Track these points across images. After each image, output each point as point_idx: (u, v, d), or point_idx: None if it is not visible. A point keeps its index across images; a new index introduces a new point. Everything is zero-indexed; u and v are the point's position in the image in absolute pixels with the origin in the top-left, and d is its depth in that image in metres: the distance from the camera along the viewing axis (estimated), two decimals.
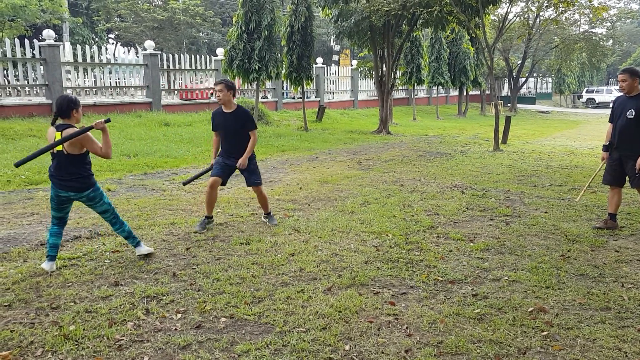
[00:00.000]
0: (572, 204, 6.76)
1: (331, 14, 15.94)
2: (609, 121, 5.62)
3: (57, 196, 4.10)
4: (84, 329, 3.17)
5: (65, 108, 4.05)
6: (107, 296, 3.66)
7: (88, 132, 4.07)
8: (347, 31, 15.89)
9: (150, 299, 3.63)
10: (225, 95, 5.22)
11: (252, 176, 5.46)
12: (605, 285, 3.99)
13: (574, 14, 27.23)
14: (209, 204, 5.41)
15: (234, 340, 3.10)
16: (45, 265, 4.10)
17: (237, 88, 5.39)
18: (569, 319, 3.40)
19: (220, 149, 5.51)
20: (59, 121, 4.11)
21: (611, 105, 5.79)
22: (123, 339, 3.08)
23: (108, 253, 4.54)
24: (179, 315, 3.39)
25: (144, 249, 4.46)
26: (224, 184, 5.50)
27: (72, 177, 4.07)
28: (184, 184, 5.93)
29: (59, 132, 3.99)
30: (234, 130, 5.32)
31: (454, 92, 30.49)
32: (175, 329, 3.22)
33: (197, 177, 5.85)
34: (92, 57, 14.96)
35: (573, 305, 3.62)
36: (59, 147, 3.98)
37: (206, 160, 9.97)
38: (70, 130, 3.97)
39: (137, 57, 16.63)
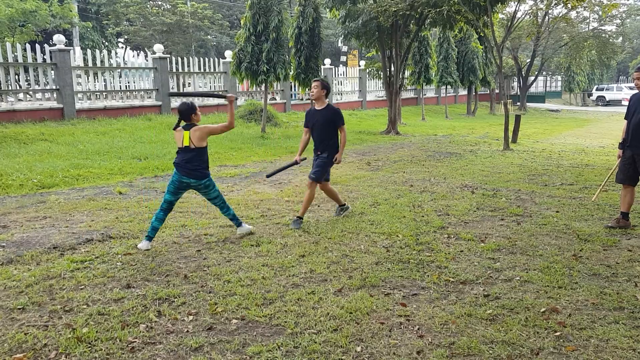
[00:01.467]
0: (584, 203, 6.70)
1: (339, 14, 15.94)
2: (625, 118, 5.57)
3: (180, 182, 4.83)
4: (96, 332, 3.19)
5: (186, 113, 4.81)
6: (120, 298, 3.68)
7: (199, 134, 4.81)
8: (355, 32, 15.88)
9: (162, 301, 3.65)
10: (318, 92, 5.71)
11: (314, 169, 5.75)
12: (618, 284, 3.96)
13: (583, 11, 27.06)
14: (333, 197, 6.02)
15: (246, 342, 3.11)
16: (142, 244, 4.75)
17: (329, 89, 5.97)
18: (582, 319, 3.38)
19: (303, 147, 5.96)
20: (182, 123, 4.85)
21: (627, 102, 5.77)
22: (135, 341, 3.10)
23: (120, 256, 4.58)
24: (191, 317, 3.41)
25: (244, 228, 5.20)
26: (327, 179, 5.90)
27: (197, 167, 4.80)
28: (268, 176, 6.23)
29: (187, 131, 4.77)
30: (322, 126, 5.75)
31: (463, 92, 30.35)
32: (187, 331, 3.24)
33: (280, 170, 6.32)
34: (102, 61, 15.08)
35: (586, 306, 3.59)
36: (186, 142, 4.76)
37: (215, 162, 10.01)
38: (196, 127, 4.76)
39: (147, 60, 16.76)
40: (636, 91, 5.54)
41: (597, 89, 42.85)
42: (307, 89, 15.91)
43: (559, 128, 21.02)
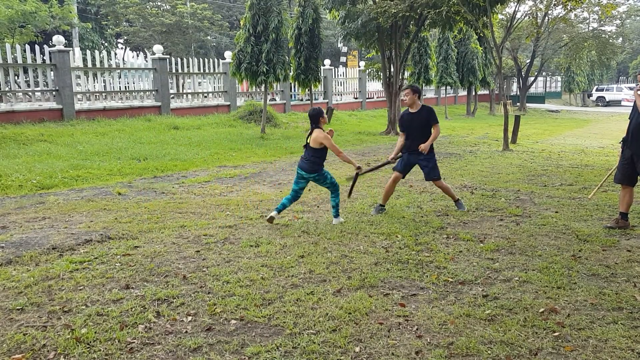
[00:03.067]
0: (583, 203, 6.70)
1: (338, 15, 15.95)
2: (629, 117, 5.57)
3: (298, 172, 5.64)
4: (95, 332, 3.19)
5: (314, 117, 5.60)
6: (118, 299, 3.68)
7: (324, 136, 5.54)
8: (355, 32, 15.89)
9: (160, 302, 3.65)
10: (411, 98, 6.05)
11: (432, 171, 6.11)
12: (617, 285, 3.96)
13: (582, 11, 27.05)
14: (386, 194, 6.28)
15: (244, 342, 3.11)
16: (273, 212, 5.63)
17: (421, 91, 6.30)
18: (581, 319, 3.38)
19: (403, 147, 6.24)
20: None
21: (628, 102, 5.79)
22: (134, 342, 3.10)
23: (119, 256, 4.58)
24: (190, 318, 3.41)
25: (338, 220, 5.69)
26: (403, 177, 6.28)
27: (310, 162, 5.57)
28: (361, 174, 6.41)
29: (314, 131, 5.58)
30: (419, 128, 6.06)
31: (463, 92, 30.37)
32: (186, 332, 3.24)
33: (375, 169, 6.84)
34: (101, 62, 15.09)
35: (585, 306, 3.59)
36: (308, 141, 5.58)
37: (214, 163, 10.02)
38: (317, 131, 5.54)
39: (146, 61, 16.75)
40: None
41: (597, 90, 42.86)
42: (306, 90, 15.92)
43: (559, 128, 21.02)
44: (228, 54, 17.33)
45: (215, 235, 5.22)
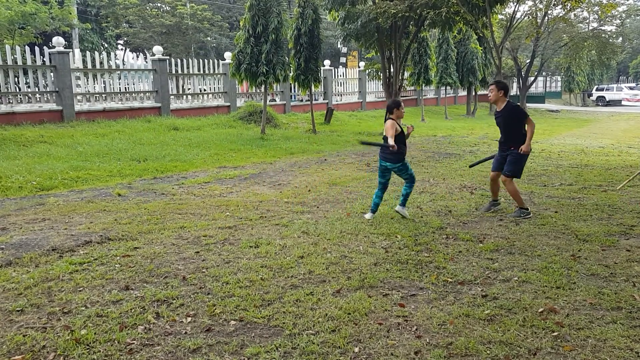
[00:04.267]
0: (582, 203, 6.70)
1: (338, 16, 15.94)
2: None
3: (381, 165, 5.92)
4: (95, 333, 3.19)
5: (388, 108, 5.84)
6: (118, 300, 3.69)
7: (391, 125, 5.72)
8: (354, 33, 15.88)
9: (160, 303, 3.65)
10: (495, 95, 5.92)
11: (509, 166, 5.97)
12: (616, 285, 3.96)
13: (582, 11, 27.04)
14: (493, 190, 6.36)
15: (244, 343, 3.12)
16: (367, 215, 5.91)
17: (507, 88, 6.11)
18: (580, 319, 3.38)
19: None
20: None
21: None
22: (134, 343, 3.10)
23: (118, 257, 4.58)
24: (189, 319, 3.41)
25: (403, 209, 5.94)
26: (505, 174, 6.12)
27: (388, 154, 5.78)
28: (470, 166, 6.70)
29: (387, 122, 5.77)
30: (505, 124, 5.96)
31: (463, 92, 30.35)
32: (186, 333, 3.24)
33: (482, 161, 6.87)
34: (101, 63, 15.10)
35: (584, 306, 3.59)
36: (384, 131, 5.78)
37: (214, 164, 10.02)
38: (389, 122, 5.73)
39: (146, 62, 16.80)
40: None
41: (597, 89, 42.85)
42: (307, 90, 15.92)
43: (559, 128, 21.01)
44: (228, 55, 17.34)
45: (215, 236, 5.23)
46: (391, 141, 5.57)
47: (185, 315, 3.46)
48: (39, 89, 13.68)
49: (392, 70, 16.47)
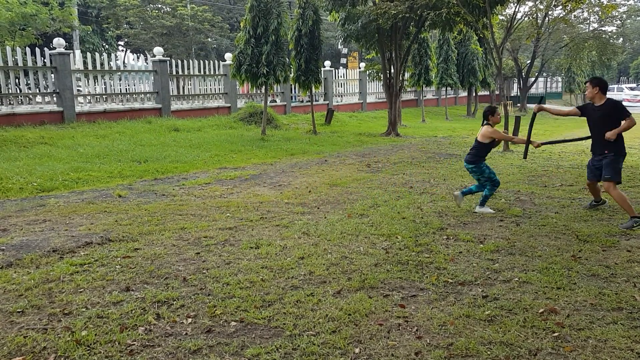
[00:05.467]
0: (583, 203, 6.69)
1: (338, 17, 15.96)
2: None
3: (465, 164, 6.39)
4: (95, 334, 3.19)
5: (484, 114, 6.27)
6: (119, 301, 3.69)
7: (492, 131, 6.21)
8: (355, 34, 15.89)
9: (160, 304, 3.65)
10: (590, 92, 5.79)
11: (606, 170, 5.69)
12: (617, 285, 3.96)
13: (583, 12, 27.03)
14: (594, 194, 6.25)
15: (244, 344, 3.12)
16: (457, 192, 6.47)
17: (606, 85, 5.90)
18: (581, 319, 3.38)
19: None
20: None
21: (628, 102, 5.89)
22: (134, 344, 3.10)
23: (119, 259, 4.58)
24: (190, 320, 3.41)
25: (482, 209, 6.23)
26: (598, 181, 6.00)
27: (471, 155, 6.30)
28: (542, 144, 6.91)
29: (483, 127, 6.23)
30: (604, 121, 5.69)
31: (463, 93, 30.36)
32: (186, 334, 3.24)
33: (557, 142, 7.44)
34: (102, 64, 15.11)
35: (584, 306, 3.59)
36: (476, 135, 6.31)
37: (215, 165, 10.02)
38: (486, 127, 6.20)
39: (147, 63, 16.77)
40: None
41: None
42: (307, 91, 15.93)
43: (559, 129, 20.99)
44: (228, 56, 17.36)
45: (216, 237, 5.23)
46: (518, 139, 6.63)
47: (185, 316, 3.46)
48: (39, 90, 13.69)
49: (392, 71, 16.48)
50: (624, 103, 35.78)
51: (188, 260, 4.55)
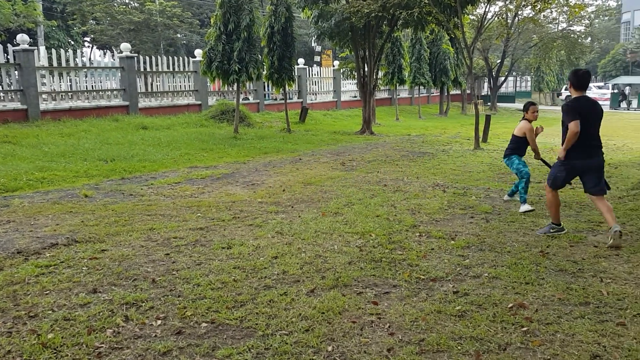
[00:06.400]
0: None
1: (311, 14, 15.92)
2: None
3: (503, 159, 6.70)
4: (62, 337, 3.11)
5: (526, 107, 6.46)
6: (86, 303, 3.60)
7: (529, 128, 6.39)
8: (328, 32, 15.88)
9: (129, 306, 3.57)
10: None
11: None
12: (584, 280, 4.05)
13: (551, 12, 27.65)
14: (607, 214, 4.98)
15: (215, 345, 3.07)
16: (505, 196, 6.90)
17: (580, 79, 5.01)
18: (549, 314, 3.44)
19: None
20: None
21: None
22: (102, 346, 3.03)
23: (86, 260, 4.47)
24: (159, 322, 3.35)
25: (526, 207, 6.19)
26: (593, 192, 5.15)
27: (507, 148, 6.60)
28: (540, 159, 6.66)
29: (520, 121, 6.47)
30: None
31: (436, 92, 30.69)
32: (156, 335, 3.18)
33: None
34: (67, 61, 14.72)
35: (552, 301, 3.66)
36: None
37: (185, 163, 9.88)
38: (523, 122, 6.45)
39: (114, 60, 16.43)
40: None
41: (565, 89, 43.83)
42: (280, 89, 15.85)
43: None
44: (199, 52, 17.13)
45: (186, 237, 5.14)
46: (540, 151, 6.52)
47: (155, 318, 3.39)
48: (2, 88, 13.25)
49: (366, 69, 16.54)
50: None
51: (157, 262, 4.46)
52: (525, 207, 6.23)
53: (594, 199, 5.07)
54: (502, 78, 34.21)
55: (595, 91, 38.59)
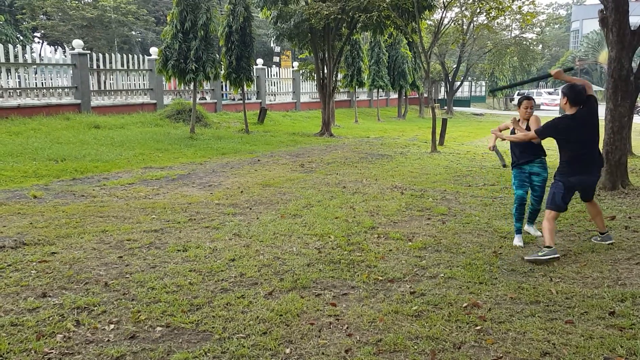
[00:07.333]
0: (504, 202, 7.04)
1: (270, 15, 15.86)
2: None
3: None
4: (9, 343, 2.99)
5: (517, 104, 5.39)
6: (34, 308, 3.46)
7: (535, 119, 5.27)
8: (287, 33, 15.86)
9: (80, 310, 3.45)
10: (560, 102, 4.88)
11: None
12: (535, 279, 4.18)
13: (505, 19, 28.57)
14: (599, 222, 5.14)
15: (170, 349, 3.00)
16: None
17: (576, 96, 4.70)
18: (501, 313, 3.54)
19: None
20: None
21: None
22: (52, 352, 2.92)
23: (34, 263, 4.28)
24: (112, 326, 3.25)
25: (516, 240, 5.16)
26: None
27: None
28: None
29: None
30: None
31: (394, 95, 31.13)
32: (108, 340, 3.08)
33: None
34: (15, 56, 14.09)
35: (505, 300, 3.77)
36: None
37: (139, 164, 9.63)
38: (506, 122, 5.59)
39: (65, 56, 15.84)
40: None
41: (518, 94, 45.37)
42: (239, 89, 15.70)
43: (483, 131, 22.04)
44: (154, 50, 16.77)
45: (140, 240, 5.01)
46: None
47: (107, 323, 3.29)
48: None
49: (325, 71, 16.60)
50: (542, 107, 37.80)
51: (110, 265, 4.32)
52: (516, 240, 5.17)
53: (587, 204, 5.22)
54: (458, 83, 35.08)
55: (546, 97, 40.14)
